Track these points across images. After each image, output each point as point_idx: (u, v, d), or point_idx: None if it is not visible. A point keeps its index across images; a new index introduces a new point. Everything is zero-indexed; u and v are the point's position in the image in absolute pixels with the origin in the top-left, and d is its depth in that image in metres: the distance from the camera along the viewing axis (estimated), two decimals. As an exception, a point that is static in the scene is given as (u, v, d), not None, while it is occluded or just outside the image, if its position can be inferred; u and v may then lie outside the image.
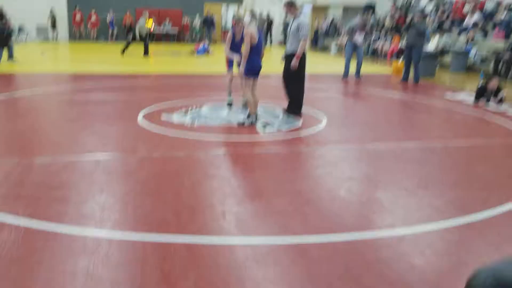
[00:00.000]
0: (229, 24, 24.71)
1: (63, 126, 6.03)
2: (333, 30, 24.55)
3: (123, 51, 16.21)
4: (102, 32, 22.85)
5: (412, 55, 10.95)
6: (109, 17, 22.45)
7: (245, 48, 6.06)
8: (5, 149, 5.02)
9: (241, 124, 6.24)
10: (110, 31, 22.84)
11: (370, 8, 23.60)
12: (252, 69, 6.19)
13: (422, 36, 10.93)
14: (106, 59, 15.50)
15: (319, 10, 26.30)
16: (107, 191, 3.80)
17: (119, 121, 6.33)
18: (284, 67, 6.96)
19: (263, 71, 6.46)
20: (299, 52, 6.66)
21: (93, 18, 22.30)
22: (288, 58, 6.85)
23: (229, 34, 6.98)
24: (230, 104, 7.44)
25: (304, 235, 3.10)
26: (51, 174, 4.16)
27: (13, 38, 15.45)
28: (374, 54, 19.00)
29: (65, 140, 5.35)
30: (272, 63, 14.29)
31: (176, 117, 6.58)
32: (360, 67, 11.67)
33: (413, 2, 22.66)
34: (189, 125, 6.17)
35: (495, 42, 14.14)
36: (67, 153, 4.81)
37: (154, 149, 5.06)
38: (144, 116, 6.60)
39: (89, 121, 6.29)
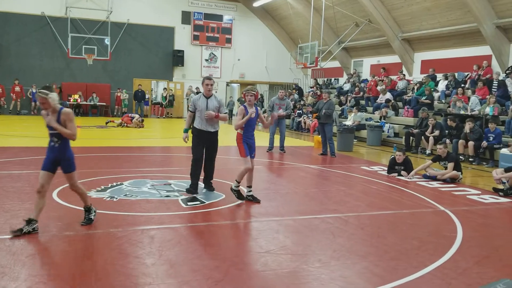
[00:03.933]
0: (160, 99, 24.85)
1: (-31, 204, 5.65)
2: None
3: None
4: (24, 106, 22.30)
5: (325, 131, 11.61)
6: (31, 91, 22.06)
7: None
8: None
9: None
10: (33, 104, 22.28)
11: (296, 88, 24.99)
12: None
13: (331, 114, 11.64)
14: (28, 131, 14.94)
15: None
16: (9, 276, 3.56)
17: (31, 197, 6.02)
18: (199, 145, 6.75)
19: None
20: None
21: (17, 88, 21.77)
22: (213, 135, 6.74)
23: (242, 109, 6.19)
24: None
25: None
26: None
27: None
28: (299, 128, 19.92)
29: (-31, 219, 4.99)
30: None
31: (94, 193, 6.40)
32: (284, 141, 12.13)
33: (332, 80, 24.40)
34: (108, 201, 6.01)
35: (406, 117, 15.44)
36: (-32, 234, 4.49)
37: (67, 227, 4.86)
38: (60, 192, 6.35)
39: (-2, 198, 5.95)
